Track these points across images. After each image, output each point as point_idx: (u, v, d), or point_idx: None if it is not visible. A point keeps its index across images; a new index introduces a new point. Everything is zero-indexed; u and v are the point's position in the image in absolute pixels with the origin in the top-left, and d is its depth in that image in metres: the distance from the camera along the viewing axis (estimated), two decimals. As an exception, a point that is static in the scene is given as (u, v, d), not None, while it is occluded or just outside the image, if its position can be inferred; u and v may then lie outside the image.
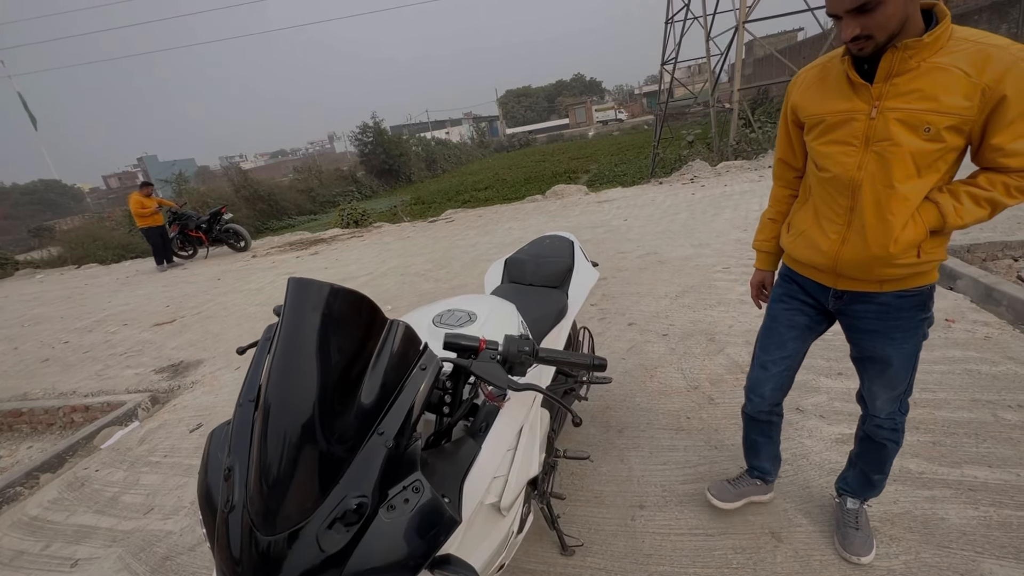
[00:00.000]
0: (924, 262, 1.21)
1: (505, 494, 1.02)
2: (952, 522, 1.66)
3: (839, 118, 1.19)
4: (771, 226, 1.56)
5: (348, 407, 0.80)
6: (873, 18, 1.02)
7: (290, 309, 0.82)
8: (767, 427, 1.69)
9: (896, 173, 1.14)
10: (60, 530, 2.52)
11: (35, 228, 28.30)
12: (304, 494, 0.74)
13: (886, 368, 1.38)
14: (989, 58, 1.04)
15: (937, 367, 2.51)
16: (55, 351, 5.56)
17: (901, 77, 1.10)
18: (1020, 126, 1.05)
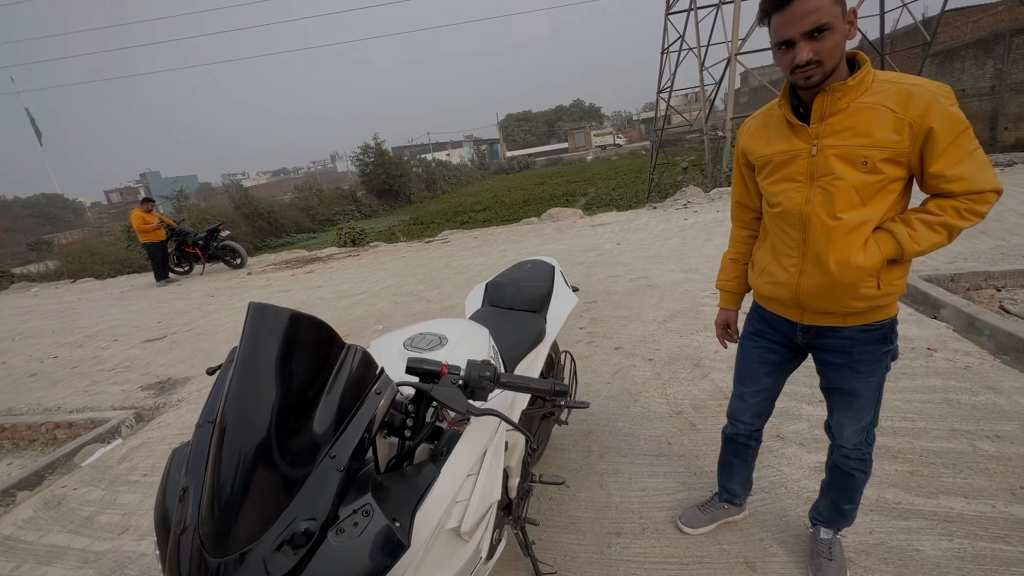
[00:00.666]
0: (884, 294, 1.26)
1: (465, 519, 1.03)
2: (927, 554, 1.66)
3: (784, 157, 1.28)
4: (732, 266, 1.61)
5: (302, 430, 0.82)
6: (823, 43, 1.10)
7: (248, 333, 0.84)
8: (744, 450, 1.75)
9: (840, 205, 1.21)
10: (32, 550, 2.48)
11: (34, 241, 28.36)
12: (255, 516, 0.75)
13: (854, 400, 1.42)
14: (911, 96, 1.12)
15: (917, 396, 2.52)
16: (43, 366, 5.53)
17: (834, 117, 1.18)
18: (954, 153, 1.13)
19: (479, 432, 1.10)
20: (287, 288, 7.45)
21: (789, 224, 1.30)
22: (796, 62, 1.12)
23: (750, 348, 1.58)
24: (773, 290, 1.40)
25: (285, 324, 0.85)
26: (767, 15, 1.15)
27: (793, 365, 1.56)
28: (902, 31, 16.80)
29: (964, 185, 1.14)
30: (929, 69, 15.81)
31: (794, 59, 1.12)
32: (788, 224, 1.31)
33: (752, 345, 1.57)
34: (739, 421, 1.68)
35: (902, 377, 2.70)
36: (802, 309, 1.37)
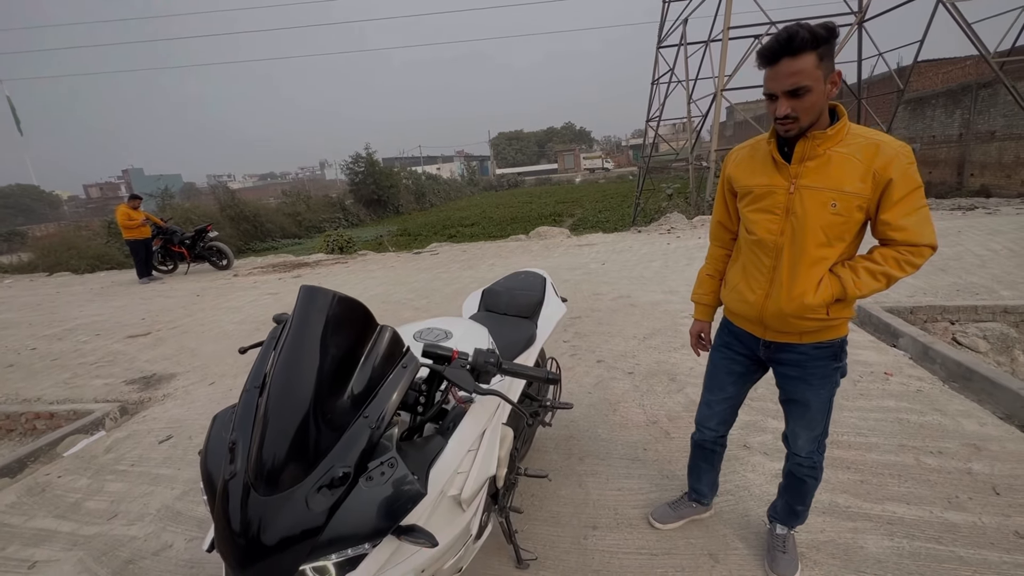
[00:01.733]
0: (833, 319, 1.44)
1: (466, 488, 1.17)
2: (869, 550, 1.84)
3: (764, 190, 1.42)
4: (708, 281, 1.75)
5: (340, 394, 0.97)
6: (801, 103, 1.24)
7: (299, 309, 0.99)
8: (711, 455, 1.91)
9: (809, 240, 1.36)
10: (17, 533, 2.51)
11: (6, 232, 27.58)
12: (298, 462, 0.89)
13: (806, 410, 1.58)
14: (879, 149, 1.29)
15: (872, 415, 2.74)
16: (20, 357, 5.46)
17: (812, 161, 1.34)
18: (904, 206, 1.30)
19: (480, 412, 1.25)
20: (275, 291, 7.49)
21: (763, 251, 1.45)
22: (776, 115, 1.28)
23: (719, 359, 1.73)
24: (741, 307, 1.56)
25: (330, 303, 1.00)
26: (761, 67, 1.28)
27: (756, 377, 1.72)
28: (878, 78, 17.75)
29: (906, 236, 1.31)
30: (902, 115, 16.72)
31: (775, 111, 1.27)
32: (762, 251, 1.45)
33: (721, 356, 1.72)
34: (705, 427, 1.83)
35: (859, 398, 2.93)
36: (764, 327, 1.53)
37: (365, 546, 0.91)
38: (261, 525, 0.85)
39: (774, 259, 1.43)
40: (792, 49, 1.19)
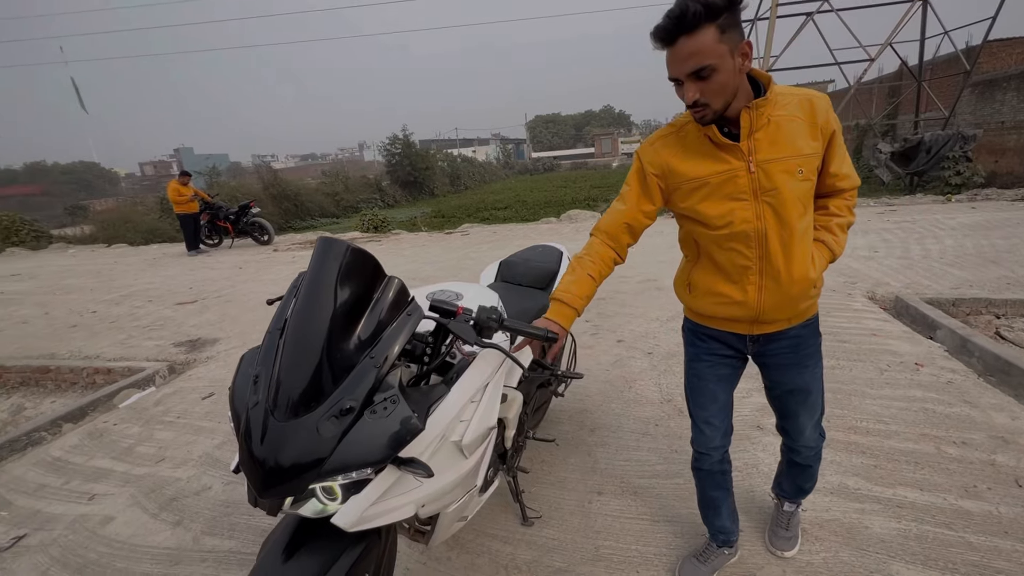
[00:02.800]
0: (817, 291, 1.39)
1: (466, 435, 1.26)
2: (874, 531, 1.84)
3: (722, 178, 1.25)
4: (588, 284, 1.43)
5: (350, 335, 1.07)
6: (709, 85, 1.11)
7: (316, 258, 1.09)
8: (722, 478, 1.64)
9: (791, 215, 1.24)
10: (79, 470, 2.79)
11: (71, 206, 29.45)
12: (311, 394, 0.99)
13: (808, 396, 1.49)
14: (813, 104, 1.23)
15: (895, 403, 2.68)
16: (83, 319, 5.93)
17: (761, 132, 1.20)
18: (841, 152, 1.30)
19: (483, 366, 1.34)
20: (311, 266, 7.79)
21: (742, 243, 1.28)
22: (685, 101, 1.14)
23: (703, 368, 1.52)
24: (727, 310, 1.37)
25: (343, 253, 1.10)
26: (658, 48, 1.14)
27: (740, 373, 1.56)
28: (943, 59, 16.59)
29: (850, 182, 1.32)
30: (968, 99, 15.60)
31: (683, 98, 1.14)
32: (740, 243, 1.28)
33: (704, 366, 1.52)
34: (712, 449, 1.57)
35: (884, 386, 2.86)
36: (754, 323, 1.38)
37: (368, 471, 1.02)
38: (278, 447, 0.96)
39: (760, 247, 1.27)
40: (686, 25, 1.06)
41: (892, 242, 6.27)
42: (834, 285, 4.73)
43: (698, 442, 1.60)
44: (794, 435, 1.60)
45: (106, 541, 2.16)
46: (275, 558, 1.09)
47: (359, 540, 1.15)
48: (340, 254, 1.10)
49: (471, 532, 1.97)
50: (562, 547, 1.87)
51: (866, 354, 3.27)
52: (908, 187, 11.25)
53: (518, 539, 1.92)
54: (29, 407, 4.56)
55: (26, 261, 11.54)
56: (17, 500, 2.57)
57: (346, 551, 1.11)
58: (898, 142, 11.08)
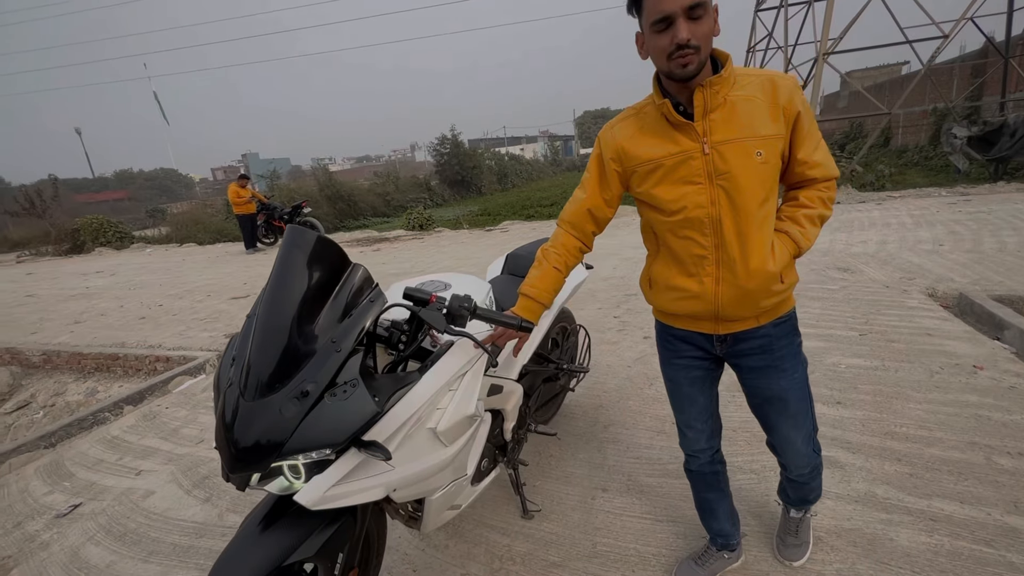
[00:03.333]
0: (787, 287, 1.26)
1: (442, 422, 1.28)
2: (899, 543, 1.70)
3: (676, 159, 1.19)
4: (554, 276, 1.42)
5: (315, 321, 1.11)
6: (700, 27, 1.05)
7: (284, 246, 1.14)
8: (715, 479, 1.58)
9: (747, 201, 1.16)
10: (132, 448, 3.05)
11: (151, 209, 32.14)
12: (276, 376, 1.04)
13: (786, 405, 1.37)
14: (776, 85, 1.15)
15: (944, 409, 2.46)
16: (151, 312, 6.46)
17: (716, 112, 1.14)
18: (812, 139, 1.19)
19: (458, 355, 1.34)
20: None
21: (696, 230, 1.21)
22: (676, 41, 1.05)
23: (674, 372, 1.46)
24: (686, 305, 1.30)
25: (311, 243, 1.14)
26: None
27: (718, 374, 1.47)
28: (1035, 32, 14.90)
29: (822, 171, 1.21)
30: (1065, 75, 13.93)
31: (674, 38, 1.05)
32: (695, 230, 1.21)
33: (675, 369, 1.45)
34: (698, 451, 1.53)
35: (933, 390, 2.63)
36: (717, 320, 1.29)
37: (327, 452, 1.06)
38: (245, 426, 1.01)
39: (715, 235, 1.19)
40: None
41: (962, 235, 5.72)
42: (887, 280, 4.39)
43: (684, 445, 1.57)
44: (782, 451, 1.47)
45: (145, 513, 2.35)
46: (252, 531, 1.15)
47: (334, 519, 1.19)
48: (307, 243, 1.15)
49: (470, 522, 1.99)
50: (559, 542, 1.85)
51: (917, 355, 3.01)
52: (992, 175, 10.21)
53: (516, 531, 1.92)
54: (101, 390, 5.03)
55: (110, 259, 12.71)
56: (79, 472, 2.85)
57: (319, 529, 1.16)
58: (977, 125, 10.07)
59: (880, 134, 16.35)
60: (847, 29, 10.57)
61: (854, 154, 12.58)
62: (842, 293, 4.21)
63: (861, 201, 8.96)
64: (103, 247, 15.23)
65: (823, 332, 3.44)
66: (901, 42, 12.26)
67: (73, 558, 2.11)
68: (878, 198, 9.10)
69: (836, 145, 17.58)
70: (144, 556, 2.05)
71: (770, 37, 14.34)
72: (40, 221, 17.11)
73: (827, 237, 6.32)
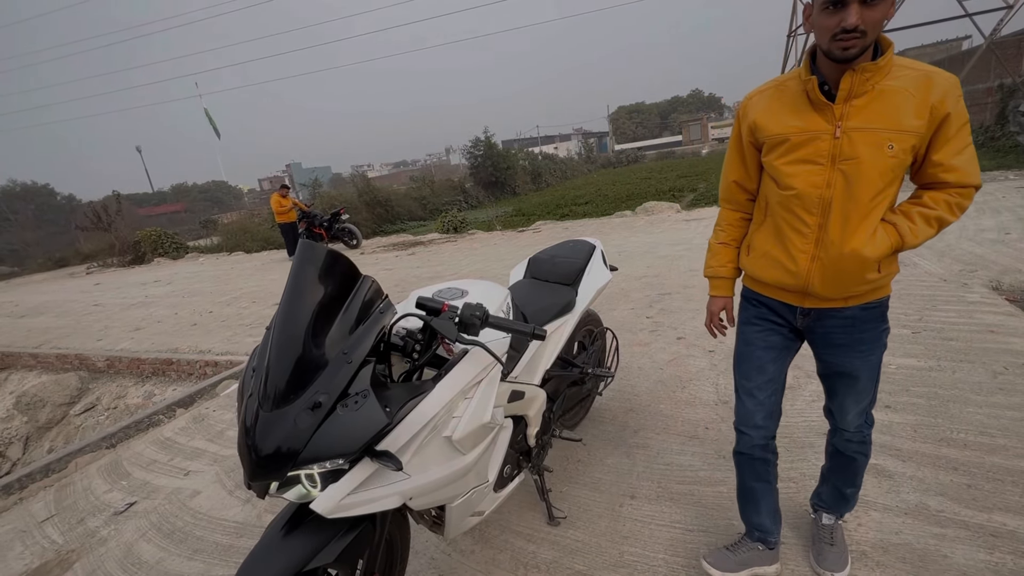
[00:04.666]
0: (884, 276, 1.28)
1: (457, 430, 1.28)
2: (955, 560, 1.57)
3: (804, 137, 1.22)
4: (724, 251, 1.52)
5: (327, 333, 1.13)
6: (873, 13, 1.07)
7: (297, 262, 1.17)
8: (764, 468, 1.53)
9: (863, 190, 1.19)
10: (182, 449, 3.22)
11: (205, 220, 33.90)
12: (291, 388, 1.07)
13: (855, 382, 1.41)
14: (932, 81, 1.14)
15: (1009, 413, 2.26)
16: (201, 318, 6.82)
17: (860, 98, 1.16)
18: (957, 143, 1.17)
19: (472, 363, 1.34)
20: (390, 267, 8.28)
21: (804, 208, 1.24)
22: (844, 25, 1.06)
23: (752, 333, 1.47)
24: (777, 275, 1.34)
25: (322, 257, 1.17)
26: None
27: (795, 348, 1.48)
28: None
29: (958, 176, 1.18)
30: None
31: (841, 22, 1.06)
32: (803, 208, 1.25)
33: (755, 330, 1.46)
34: (752, 427, 1.48)
35: (997, 392, 2.43)
36: (805, 295, 1.33)
37: (340, 462, 1.08)
38: (263, 435, 1.04)
39: (821, 216, 1.23)
40: None
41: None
42: (945, 274, 4.09)
43: (739, 416, 1.54)
44: (837, 416, 1.51)
45: (192, 512, 2.48)
46: (275, 536, 1.18)
47: (354, 526, 1.21)
48: (318, 257, 1.17)
49: (496, 528, 1.98)
50: (585, 549, 1.82)
51: (977, 354, 2.79)
52: (1067, 154, 9.36)
53: (542, 538, 1.90)
54: (157, 393, 5.35)
55: (167, 269, 13.51)
56: (135, 472, 3.04)
57: (338, 535, 1.18)
58: (1050, 101, 9.24)
59: (938, 115, 15.25)
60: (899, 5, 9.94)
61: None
62: (894, 288, 3.95)
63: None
64: (161, 257, 16.22)
65: (872, 330, 3.24)
66: (960, 16, 11.42)
67: (127, 554, 2.24)
68: (936, 184, 8.50)
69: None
70: (189, 554, 2.16)
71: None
72: (106, 234, 18.36)
73: (878, 228, 5.96)
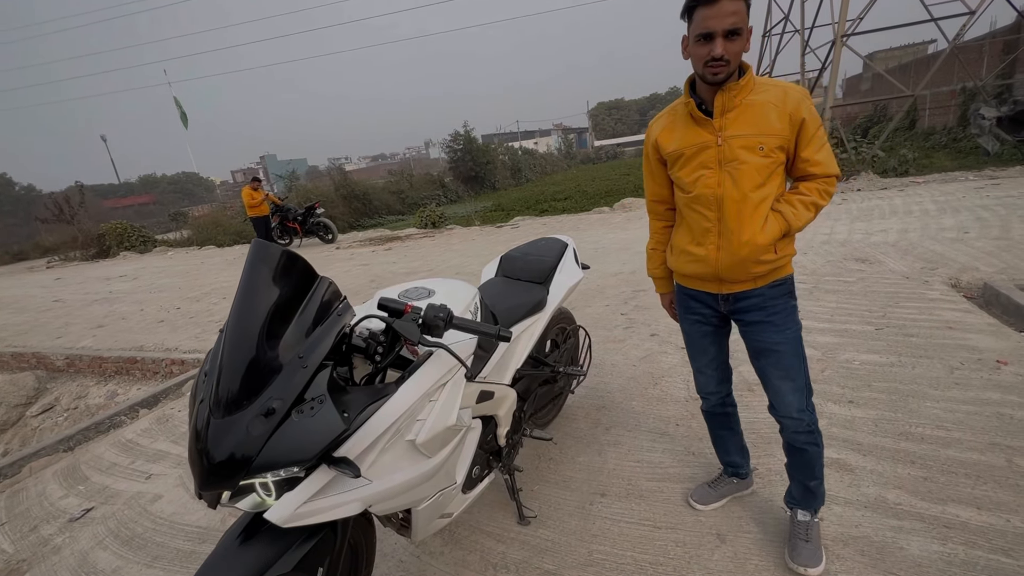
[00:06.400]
0: (781, 257, 1.50)
1: (421, 433, 1.25)
2: (910, 552, 1.62)
3: (695, 149, 1.47)
4: (655, 255, 1.80)
5: (282, 335, 1.09)
6: (734, 45, 1.31)
7: (249, 262, 1.12)
8: (725, 419, 1.88)
9: (746, 185, 1.42)
10: (144, 452, 3.11)
11: (174, 213, 32.85)
12: (243, 393, 1.02)
13: (779, 357, 1.56)
14: (787, 94, 1.39)
15: (964, 407, 2.35)
16: (169, 315, 6.60)
17: (732, 112, 1.41)
18: (816, 142, 1.43)
19: (437, 365, 1.32)
20: (366, 262, 8.15)
21: (704, 206, 1.49)
22: (712, 55, 1.30)
23: (688, 324, 1.75)
24: (694, 267, 1.57)
25: (276, 257, 1.12)
26: (691, 10, 1.31)
27: (726, 330, 1.73)
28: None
29: (823, 168, 1.44)
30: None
31: (711, 52, 1.29)
32: (703, 206, 1.49)
33: (689, 323, 1.74)
34: (708, 394, 1.83)
35: (953, 387, 2.51)
36: (720, 281, 1.55)
37: (295, 470, 1.04)
38: (214, 443, 1.00)
39: (717, 211, 1.47)
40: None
41: (989, 221, 5.48)
42: (908, 271, 4.22)
43: (697, 385, 1.85)
44: (777, 404, 1.62)
45: (152, 517, 2.39)
46: (230, 544, 1.14)
47: (313, 534, 1.18)
48: (272, 257, 1.13)
49: (466, 528, 1.97)
50: (555, 549, 1.82)
51: (936, 350, 2.89)
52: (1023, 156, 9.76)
53: (512, 538, 1.89)
54: (120, 393, 5.17)
55: (133, 263, 13.05)
56: (93, 476, 2.92)
57: (297, 543, 1.15)
58: (1007, 105, 9.62)
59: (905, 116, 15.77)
60: (867, 9, 10.18)
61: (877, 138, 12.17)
62: (859, 285, 4.07)
63: (883, 188, 8.66)
64: (127, 251, 15.65)
65: (837, 327, 3.32)
66: (925, 20, 11.76)
67: (82, 563, 2.16)
68: (900, 184, 8.78)
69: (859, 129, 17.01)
70: (148, 561, 2.09)
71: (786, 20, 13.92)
72: (69, 227, 17.65)
73: (845, 227, 6.12)
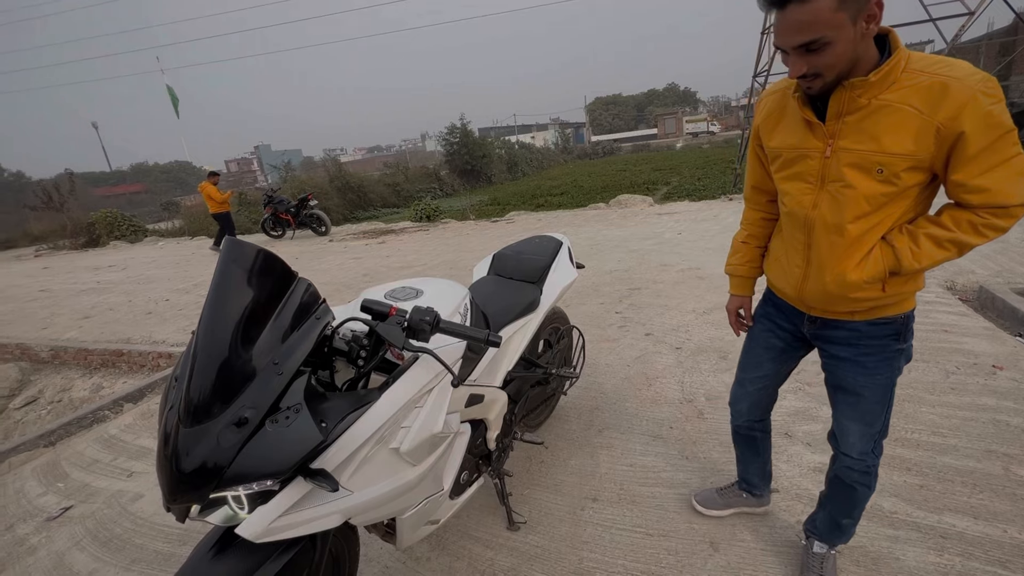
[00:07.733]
0: (890, 295, 1.18)
1: (406, 441, 1.20)
2: (906, 563, 1.59)
3: (795, 154, 1.18)
4: (745, 249, 1.51)
5: (256, 340, 1.03)
6: (821, 58, 0.99)
7: (221, 261, 1.06)
8: (750, 441, 1.70)
9: (847, 214, 1.12)
10: (127, 448, 3.04)
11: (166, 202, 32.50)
12: (215, 401, 0.96)
13: (858, 400, 1.31)
14: (946, 91, 0.98)
15: (960, 413, 2.32)
16: (157, 307, 6.50)
17: (852, 116, 1.07)
18: (983, 162, 1.00)
19: (423, 370, 1.26)
20: (359, 256, 8.06)
21: (795, 226, 1.24)
22: (792, 74, 1.04)
23: (758, 331, 1.52)
24: (782, 284, 1.36)
25: (251, 257, 1.06)
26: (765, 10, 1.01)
27: (798, 354, 1.48)
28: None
29: (985, 198, 1.02)
30: (1101, 51, 13.25)
31: (792, 68, 1.03)
32: (794, 225, 1.24)
33: (760, 328, 1.51)
34: (736, 411, 1.65)
35: (949, 392, 2.49)
36: (807, 305, 1.32)
37: (268, 483, 0.98)
38: (182, 453, 0.94)
39: (807, 236, 1.21)
40: None
41: (986, 223, 5.47)
42: (904, 274, 4.20)
43: (731, 395, 1.68)
44: (839, 438, 1.40)
45: (132, 517, 2.33)
46: (202, 558, 1.09)
47: (291, 546, 1.12)
48: (246, 256, 1.06)
49: (454, 533, 1.92)
50: (545, 555, 1.78)
51: (932, 354, 2.86)
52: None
53: (501, 544, 1.85)
54: (106, 386, 5.08)
55: (123, 253, 12.87)
56: (73, 473, 2.85)
57: (273, 557, 1.09)
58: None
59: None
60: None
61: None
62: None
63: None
64: (118, 240, 15.44)
65: (833, 329, 3.29)
66: (923, 20, 11.73)
67: (58, 564, 2.09)
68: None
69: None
70: (127, 564, 2.03)
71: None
72: (58, 215, 17.38)
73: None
